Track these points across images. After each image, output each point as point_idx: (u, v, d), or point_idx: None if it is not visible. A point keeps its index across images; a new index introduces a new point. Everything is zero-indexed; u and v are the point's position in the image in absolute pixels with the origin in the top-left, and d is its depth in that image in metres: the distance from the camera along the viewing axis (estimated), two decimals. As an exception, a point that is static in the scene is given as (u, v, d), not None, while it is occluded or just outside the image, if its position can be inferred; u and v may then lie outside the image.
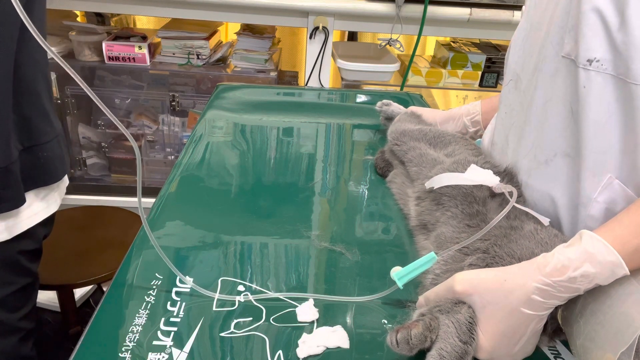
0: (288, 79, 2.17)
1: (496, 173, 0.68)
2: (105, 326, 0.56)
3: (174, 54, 1.89)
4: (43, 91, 0.90)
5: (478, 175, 0.67)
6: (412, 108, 1.01)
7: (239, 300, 0.61)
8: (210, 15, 1.73)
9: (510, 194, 0.61)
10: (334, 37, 1.84)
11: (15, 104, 0.83)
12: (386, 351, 0.54)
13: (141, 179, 0.57)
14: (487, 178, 0.67)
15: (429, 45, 2.39)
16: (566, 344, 0.57)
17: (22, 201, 0.86)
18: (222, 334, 0.56)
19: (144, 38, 1.87)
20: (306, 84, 1.83)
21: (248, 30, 1.97)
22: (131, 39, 1.86)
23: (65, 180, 1.02)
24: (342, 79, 1.84)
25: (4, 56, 0.79)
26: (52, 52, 0.48)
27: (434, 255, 0.59)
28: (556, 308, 0.52)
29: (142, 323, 0.56)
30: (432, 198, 0.73)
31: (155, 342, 0.54)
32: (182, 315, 0.58)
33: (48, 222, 0.98)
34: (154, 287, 0.62)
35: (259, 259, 0.69)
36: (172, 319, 0.57)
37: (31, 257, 0.95)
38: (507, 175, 0.70)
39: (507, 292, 0.50)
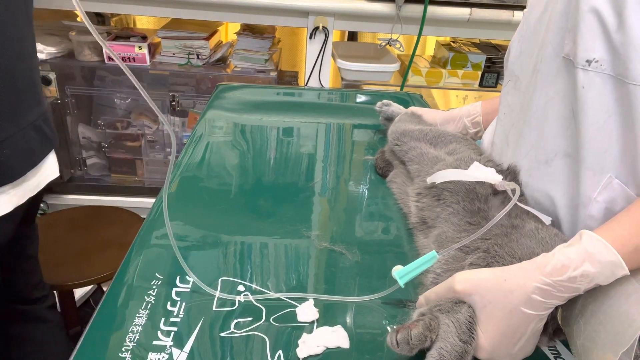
0: (288, 79, 2.17)
1: (498, 171, 0.68)
2: (105, 326, 0.56)
3: (174, 54, 1.89)
4: None
5: (481, 173, 0.67)
6: (412, 108, 1.01)
7: (239, 300, 0.61)
8: (210, 15, 1.73)
9: (513, 191, 0.61)
10: (334, 37, 1.84)
11: None
12: (386, 351, 0.54)
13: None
14: (490, 175, 0.66)
15: (429, 45, 2.39)
16: (566, 343, 0.57)
17: None
18: (222, 334, 0.56)
19: (144, 38, 1.86)
20: (306, 84, 1.83)
21: (248, 30, 1.97)
22: (131, 39, 1.86)
23: (29, 178, 0.99)
24: (342, 79, 1.84)
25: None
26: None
27: (435, 254, 0.59)
28: (556, 308, 0.52)
29: (142, 323, 0.56)
30: (433, 194, 0.73)
31: (155, 342, 0.54)
32: (182, 315, 0.58)
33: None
34: (154, 287, 0.62)
35: (259, 259, 0.69)
36: (172, 319, 0.57)
37: None
38: (510, 173, 0.70)
39: (507, 292, 0.50)
